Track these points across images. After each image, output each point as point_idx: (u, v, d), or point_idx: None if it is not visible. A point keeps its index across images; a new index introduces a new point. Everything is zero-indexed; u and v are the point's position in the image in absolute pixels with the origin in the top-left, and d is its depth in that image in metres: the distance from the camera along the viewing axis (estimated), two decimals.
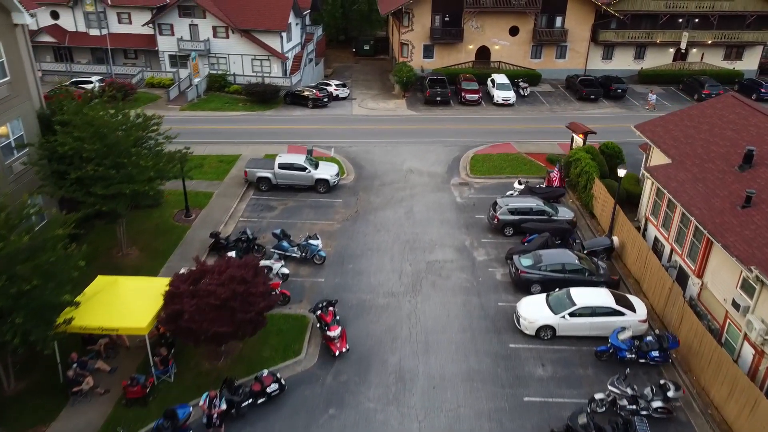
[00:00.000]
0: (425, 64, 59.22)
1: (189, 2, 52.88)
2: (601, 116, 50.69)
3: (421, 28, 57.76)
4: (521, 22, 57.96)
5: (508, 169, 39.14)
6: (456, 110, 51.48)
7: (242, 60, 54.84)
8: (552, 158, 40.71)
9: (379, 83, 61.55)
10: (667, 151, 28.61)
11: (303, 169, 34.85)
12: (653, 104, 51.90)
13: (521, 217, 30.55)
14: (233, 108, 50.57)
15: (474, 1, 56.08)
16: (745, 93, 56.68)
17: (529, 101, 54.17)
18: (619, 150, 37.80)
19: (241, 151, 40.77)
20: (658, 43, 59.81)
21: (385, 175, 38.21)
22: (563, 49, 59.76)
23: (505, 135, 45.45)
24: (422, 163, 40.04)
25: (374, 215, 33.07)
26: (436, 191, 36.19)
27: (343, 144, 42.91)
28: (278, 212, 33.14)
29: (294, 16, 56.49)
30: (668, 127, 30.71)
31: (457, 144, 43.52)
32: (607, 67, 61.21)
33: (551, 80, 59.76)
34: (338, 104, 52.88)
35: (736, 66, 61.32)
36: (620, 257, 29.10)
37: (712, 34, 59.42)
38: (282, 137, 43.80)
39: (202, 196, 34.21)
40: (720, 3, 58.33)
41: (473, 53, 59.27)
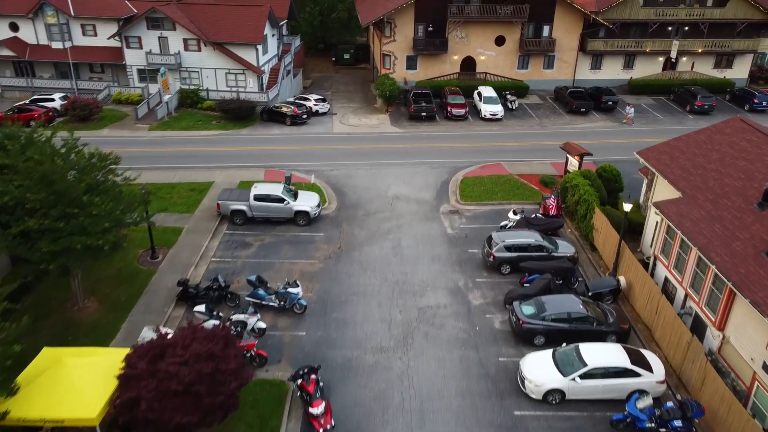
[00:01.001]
0: (408, 75, 56.75)
1: (157, 14, 49.76)
2: (592, 131, 48.66)
3: (403, 39, 55.27)
4: (508, 31, 55.76)
5: (500, 194, 36.78)
6: (442, 126, 49.05)
7: (215, 74, 51.85)
8: (545, 180, 38.48)
9: (360, 95, 58.96)
10: (675, 182, 26.40)
11: (281, 200, 32.11)
12: (631, 118, 50.02)
13: (519, 254, 28.16)
14: (206, 126, 47.57)
15: (458, 11, 53.74)
16: (737, 103, 55.19)
17: (517, 115, 51.95)
18: (618, 173, 35.65)
19: (214, 178, 37.87)
20: (648, 52, 58.01)
21: (370, 203, 35.62)
22: (551, 59, 57.68)
23: (494, 154, 43.12)
24: (409, 189, 37.52)
25: (359, 251, 30.46)
26: (424, 221, 33.69)
27: (324, 167, 40.23)
28: (254, 250, 30.36)
29: (270, 27, 53.63)
30: (674, 154, 28.54)
31: (445, 165, 41.08)
32: (596, 77, 59.30)
33: (539, 91, 57.65)
34: (318, 120, 50.16)
35: (726, 74, 59.80)
36: (627, 299, 26.84)
37: (702, 43, 57.79)
38: (259, 160, 40.98)
39: (171, 232, 31.29)
40: (710, 11, 56.69)
41: (458, 64, 56.93)
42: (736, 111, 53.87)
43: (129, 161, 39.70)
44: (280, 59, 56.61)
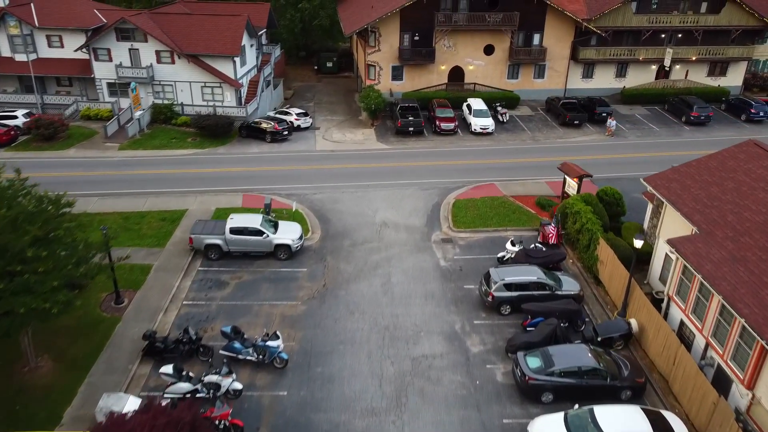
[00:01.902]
0: (394, 86, 54.32)
1: (127, 24, 46.80)
2: (587, 145, 46.62)
3: (388, 49, 52.82)
4: (497, 40, 53.56)
5: (495, 219, 34.48)
6: (431, 141, 46.68)
7: (191, 88, 49.00)
8: (542, 202, 36.29)
9: (344, 106, 56.44)
10: (689, 215, 24.24)
11: (259, 233, 29.49)
12: (612, 131, 47.99)
13: (520, 293, 25.84)
14: (181, 145, 44.72)
15: (446, 19, 51.41)
16: (733, 113, 53.57)
17: (508, 128, 49.75)
18: (620, 196, 33.55)
19: (188, 205, 35.12)
20: (641, 60, 56.17)
21: (356, 231, 33.12)
22: (542, 69, 55.59)
23: (486, 172, 40.86)
24: (398, 214, 35.08)
25: (345, 290, 27.94)
26: (415, 252, 31.27)
27: (307, 190, 37.66)
28: (230, 290, 27.71)
29: (248, 38, 50.90)
30: (685, 182, 26.41)
31: (436, 186, 38.72)
32: (588, 86, 57.36)
33: (530, 102, 55.55)
34: (300, 136, 47.54)
35: (720, 83, 58.21)
36: (639, 343, 24.62)
37: (696, 50, 56.08)
38: (237, 183, 38.31)
39: (139, 270, 28.53)
40: (705, 17, 55.00)
41: (446, 74, 54.61)
42: (732, 121, 52.29)
43: (96, 186, 37.43)
44: (259, 70, 53.89)
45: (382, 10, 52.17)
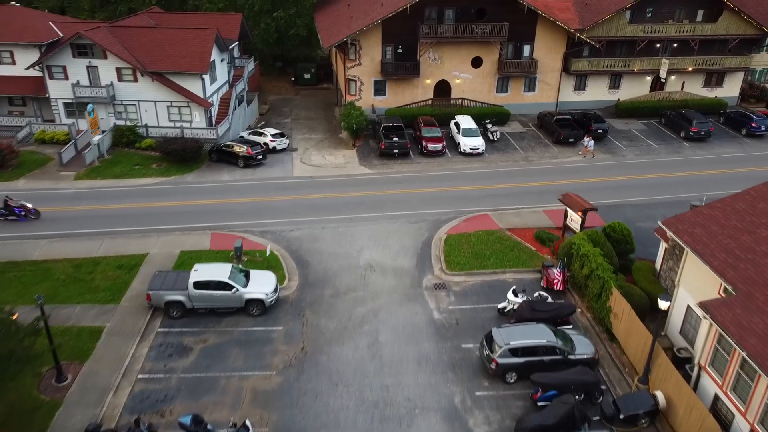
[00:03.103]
0: (377, 102, 50.86)
1: (84, 39, 42.71)
2: (584, 166, 43.61)
3: (370, 62, 49.35)
4: (485, 52, 50.36)
5: (492, 258, 31.19)
6: (417, 164, 43.29)
7: (156, 108, 45.03)
8: (542, 236, 33.12)
9: (323, 122, 52.89)
10: (722, 271, 21.14)
11: (228, 287, 25.84)
12: (590, 150, 44.79)
13: (527, 359, 22.56)
14: (144, 172, 40.79)
15: (431, 30, 48.06)
16: (733, 127, 51.02)
17: (499, 147, 46.57)
18: (628, 232, 30.46)
19: (149, 248, 31.31)
20: (636, 71, 53.39)
21: (339, 276, 29.61)
22: (532, 82, 52.53)
23: (479, 200, 37.63)
24: (384, 254, 31.64)
25: (327, 354, 24.42)
26: (405, 301, 27.85)
27: (283, 226, 34.06)
28: (194, 358, 24.04)
29: (218, 52, 47.07)
30: (710, 227, 23.32)
31: (425, 218, 35.36)
32: (580, 98, 54.50)
33: (520, 117, 52.46)
34: (276, 159, 43.85)
35: (716, 93, 55.71)
36: (666, 419, 21.45)
37: (693, 61, 53.45)
38: (205, 218, 34.57)
39: (87, 335, 24.73)
40: (701, 26, 52.40)
41: (431, 89, 51.29)
42: (732, 136, 49.75)
43: (47, 226, 33.32)
44: (231, 86, 50.06)
45: (362, 21, 48.69)
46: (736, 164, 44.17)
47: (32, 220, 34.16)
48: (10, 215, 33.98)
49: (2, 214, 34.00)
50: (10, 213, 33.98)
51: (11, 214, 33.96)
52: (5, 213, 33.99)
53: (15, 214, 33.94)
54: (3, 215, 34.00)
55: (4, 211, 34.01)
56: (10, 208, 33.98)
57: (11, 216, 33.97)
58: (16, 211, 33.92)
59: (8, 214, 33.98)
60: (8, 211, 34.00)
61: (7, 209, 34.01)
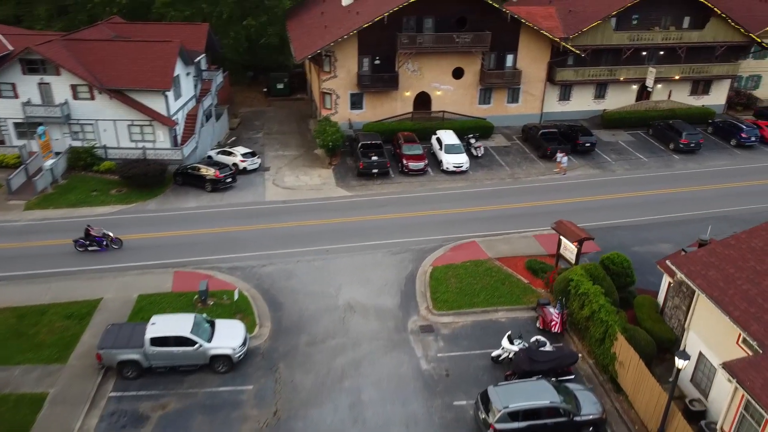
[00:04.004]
0: (353, 116, 48.18)
1: (34, 54, 39.29)
2: (574, 183, 41.45)
3: (346, 74, 46.63)
4: (466, 62, 47.99)
5: (482, 294, 28.73)
6: (398, 185, 40.68)
7: (115, 127, 41.74)
8: (534, 267, 30.78)
9: (298, 137, 50.08)
10: (743, 323, 18.91)
11: (190, 343, 22.94)
12: (564, 168, 42.41)
13: (529, 423, 20.09)
14: (102, 200, 37.57)
15: (409, 41, 45.52)
16: (722, 137, 49.43)
17: (484, 163, 44.21)
18: (628, 264, 28.25)
19: (103, 291, 28.21)
20: (622, 80, 51.50)
21: (316, 320, 26.86)
22: (516, 93, 50.31)
23: (465, 225, 35.21)
24: (366, 291, 28.98)
25: (303, 419, 21.66)
26: (390, 349, 25.22)
27: (254, 260, 31.20)
28: (152, 428, 21.08)
29: (183, 66, 43.93)
30: (726, 269, 21.10)
31: (408, 247, 32.81)
32: (565, 108, 52.47)
33: (504, 129, 50.20)
34: (247, 181, 40.90)
35: (703, 102, 54.14)
36: None
37: (679, 69, 51.75)
38: (167, 253, 31.57)
39: (27, 404, 21.63)
40: (688, 34, 50.69)
41: (411, 101, 48.77)
42: (722, 147, 48.12)
43: None
44: (198, 101, 46.91)
45: (337, 31, 45.97)
46: (729, 178, 42.42)
47: (114, 250, 31.53)
48: (91, 245, 31.42)
49: (82, 244, 31.39)
50: (91, 243, 31.43)
51: (92, 243, 31.43)
52: (86, 243, 31.40)
53: (97, 243, 31.43)
54: (83, 245, 31.39)
55: (84, 241, 31.39)
56: (91, 238, 31.41)
57: (92, 246, 31.44)
58: (97, 240, 31.36)
59: (89, 244, 31.44)
60: (89, 240, 31.41)
61: (88, 239, 31.41)
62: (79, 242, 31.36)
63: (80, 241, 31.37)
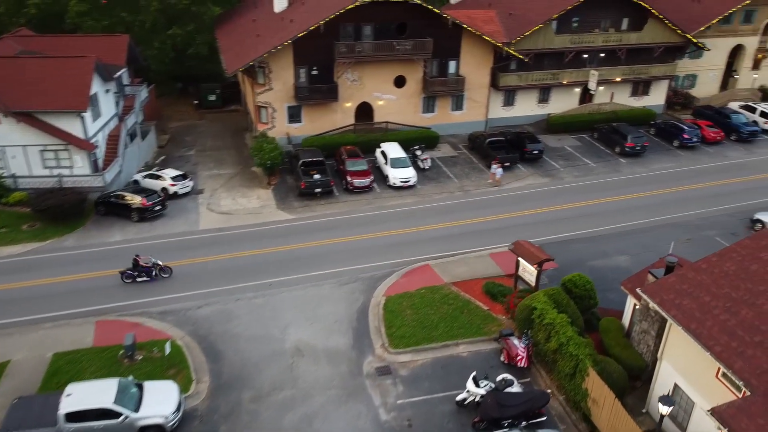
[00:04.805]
0: (292, 130, 45.41)
1: None
2: (524, 194, 40.15)
3: (282, 86, 43.80)
4: (408, 70, 46.02)
5: (441, 326, 26.72)
6: (343, 204, 38.26)
7: (26, 154, 37.51)
8: (492, 291, 29.03)
9: (233, 152, 46.92)
10: (727, 360, 17.55)
11: (114, 415, 19.85)
12: (498, 179, 40.92)
13: None
14: (12, 237, 33.52)
15: (348, 49, 43.13)
16: (664, 138, 49.40)
17: (431, 176, 42.35)
18: (591, 286, 26.87)
19: (12, 350, 24.57)
20: (565, 84, 50.81)
21: (260, 370, 24.15)
22: (460, 100, 48.74)
23: (417, 246, 33.21)
24: (315, 330, 26.46)
25: None
26: (345, 399, 22.83)
27: (189, 301, 28.14)
28: None
29: (101, 83, 40.03)
30: (701, 297, 19.78)
31: (358, 276, 30.49)
32: (509, 114, 51.37)
33: (450, 138, 48.53)
34: (178, 207, 37.55)
35: (643, 102, 54.24)
36: None
37: (620, 71, 51.53)
38: (87, 300, 28.04)
39: None
40: (627, 35, 50.49)
41: (352, 112, 46.40)
42: (665, 148, 48.07)
43: None
44: (121, 120, 43.04)
45: (270, 41, 43.09)
46: (676, 181, 42.15)
47: (164, 280, 29.39)
48: (139, 276, 29.14)
49: (130, 276, 29.08)
50: (140, 273, 29.16)
51: (141, 274, 29.17)
52: (134, 274, 29.13)
53: (146, 274, 29.20)
54: (131, 276, 29.09)
55: (133, 272, 29.11)
56: (140, 268, 29.10)
57: (141, 277, 29.18)
58: (146, 271, 29.16)
59: (137, 275, 29.16)
60: (138, 271, 29.12)
61: (137, 269, 29.10)
62: (126, 274, 29.03)
63: (128, 273, 29.05)
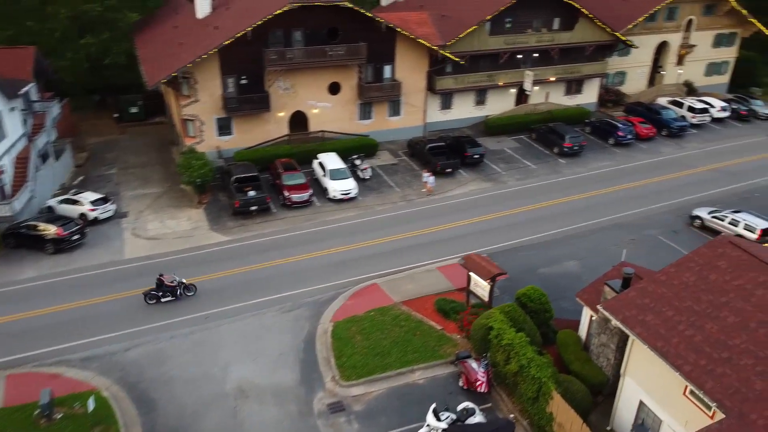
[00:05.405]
0: (222, 143, 42.80)
1: None
2: (468, 200, 39.28)
3: (209, 98, 41.14)
4: (342, 77, 44.28)
5: (394, 352, 25.20)
6: (281, 221, 36.14)
7: None
8: (444, 308, 27.80)
9: (160, 169, 43.85)
10: (697, 379, 16.84)
11: None
12: (431, 188, 39.54)
13: None
14: None
15: (278, 56, 40.93)
16: (600, 136, 49.88)
17: (372, 186, 40.82)
18: (545, 299, 26.04)
19: None
20: (501, 85, 50.41)
21: (200, 417, 21.87)
22: (397, 105, 47.40)
23: (363, 263, 31.62)
24: (259, 367, 24.37)
25: None
26: None
27: (115, 344, 25.43)
28: None
29: (4, 101, 36.22)
30: (664, 312, 19.09)
31: (302, 301, 28.57)
32: (447, 117, 50.55)
33: (389, 145, 47.15)
34: (100, 234, 34.42)
35: (577, 101, 54.66)
36: None
37: (554, 70, 51.64)
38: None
39: None
40: (559, 35, 50.57)
41: (286, 122, 44.22)
42: (602, 146, 48.45)
43: None
44: (30, 140, 39.20)
45: (194, 49, 40.34)
46: (615, 180, 42.38)
47: (188, 298, 27.99)
48: (164, 296, 27.61)
49: (154, 296, 27.56)
50: (164, 293, 27.61)
51: (166, 294, 27.63)
52: (158, 294, 27.57)
53: (172, 293, 27.72)
54: (155, 297, 27.56)
55: (157, 292, 27.55)
56: (166, 288, 27.57)
57: (166, 297, 27.66)
58: (170, 290, 27.64)
59: (162, 295, 27.59)
60: (162, 291, 27.56)
61: (161, 289, 27.56)
62: (150, 295, 27.54)
63: (152, 294, 27.56)
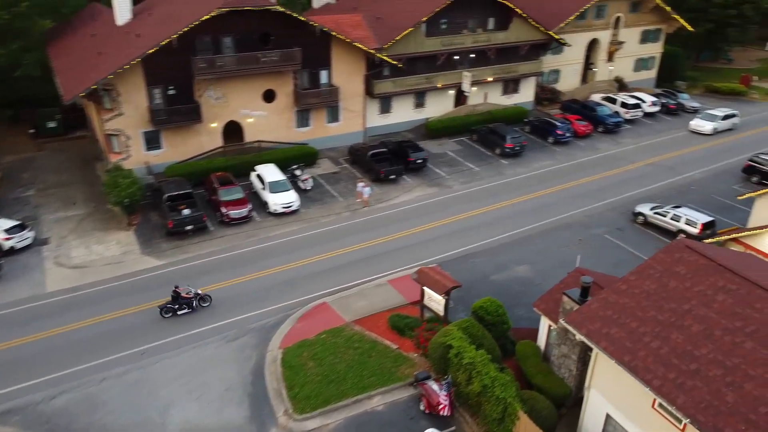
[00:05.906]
0: (152, 158, 40.16)
1: None
2: (414, 207, 38.33)
3: (134, 110, 38.44)
4: (277, 83, 42.43)
5: (350, 377, 23.81)
6: (220, 240, 34.06)
7: None
8: (398, 325, 26.61)
9: (83, 188, 40.69)
10: (668, 394, 16.33)
11: None
12: (366, 199, 38.00)
13: None
14: None
15: (208, 64, 38.68)
16: (539, 135, 50.13)
17: (314, 197, 39.23)
18: (502, 310, 25.32)
19: None
20: (440, 87, 49.80)
21: None
22: (335, 111, 45.93)
23: (310, 282, 30.08)
24: (203, 406, 22.44)
25: None
26: None
27: (39, 391, 22.88)
28: None
29: None
30: (628, 324, 18.56)
31: (247, 326, 26.79)
32: (387, 122, 49.57)
33: (329, 152, 45.62)
34: (17, 266, 31.33)
35: (514, 100, 54.84)
36: None
37: (491, 70, 51.52)
38: None
39: None
40: (495, 35, 50.44)
41: (220, 133, 41.98)
42: (541, 146, 48.65)
43: None
44: None
45: (115, 59, 37.57)
46: (558, 179, 42.51)
47: (203, 308, 27.33)
48: (180, 308, 26.75)
49: (170, 310, 26.62)
50: (180, 306, 26.72)
51: (182, 307, 26.74)
52: (174, 308, 26.65)
53: (188, 306, 26.87)
54: (171, 311, 26.64)
55: (173, 305, 26.61)
56: (182, 300, 26.65)
57: (182, 309, 26.82)
58: (186, 302, 26.77)
59: (178, 308, 26.73)
60: (178, 304, 26.67)
61: (178, 302, 26.64)
62: (166, 308, 26.58)
63: (167, 307, 26.60)
